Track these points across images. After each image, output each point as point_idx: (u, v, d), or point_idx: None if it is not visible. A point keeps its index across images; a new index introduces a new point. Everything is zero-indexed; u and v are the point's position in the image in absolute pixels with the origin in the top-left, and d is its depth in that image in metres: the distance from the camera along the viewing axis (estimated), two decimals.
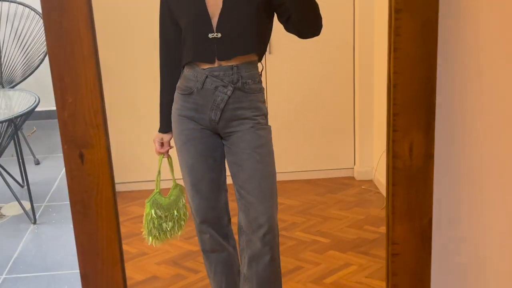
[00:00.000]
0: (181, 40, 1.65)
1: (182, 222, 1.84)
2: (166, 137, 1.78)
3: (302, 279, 1.98)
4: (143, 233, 1.84)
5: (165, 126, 1.76)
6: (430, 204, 1.21)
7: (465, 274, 1.40)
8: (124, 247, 2.07)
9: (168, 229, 1.82)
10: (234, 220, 1.81)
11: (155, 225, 1.80)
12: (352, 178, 2.30)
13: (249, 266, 1.71)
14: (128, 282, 1.95)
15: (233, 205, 1.78)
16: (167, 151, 1.80)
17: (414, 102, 1.16)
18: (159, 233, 1.81)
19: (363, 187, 2.29)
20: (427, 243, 1.23)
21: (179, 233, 1.85)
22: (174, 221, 1.82)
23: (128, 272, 1.98)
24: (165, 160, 1.82)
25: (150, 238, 1.82)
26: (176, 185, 1.83)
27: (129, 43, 1.99)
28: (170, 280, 1.99)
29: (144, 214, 1.81)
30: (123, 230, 2.12)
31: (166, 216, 1.82)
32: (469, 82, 1.27)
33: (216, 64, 1.61)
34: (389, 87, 1.15)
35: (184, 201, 1.83)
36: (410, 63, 1.14)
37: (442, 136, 1.26)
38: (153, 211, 1.79)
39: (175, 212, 1.82)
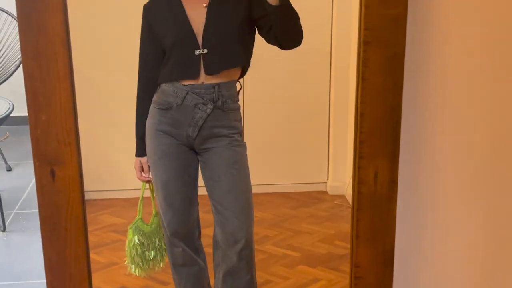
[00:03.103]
0: (163, 59, 1.65)
1: (164, 252, 1.82)
2: (144, 160, 1.77)
3: None
4: (126, 261, 1.81)
5: (143, 149, 1.75)
6: (393, 229, 1.25)
7: None
8: (94, 256, 2.07)
9: (151, 258, 1.79)
10: (206, 232, 1.83)
11: (138, 253, 1.77)
12: (325, 192, 2.32)
13: (224, 281, 1.72)
14: None
15: (206, 217, 1.79)
16: (149, 177, 1.78)
17: (380, 131, 1.19)
18: (142, 262, 1.78)
19: (335, 201, 2.31)
20: (389, 268, 1.27)
21: (162, 265, 1.82)
22: (156, 250, 1.80)
23: (97, 283, 1.98)
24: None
25: (133, 266, 1.78)
26: (157, 212, 1.81)
27: (104, 50, 1.99)
28: None
29: (127, 241, 1.79)
30: (93, 239, 2.12)
31: (148, 244, 1.80)
32: (433, 112, 1.31)
33: (199, 81, 1.62)
34: (356, 116, 1.18)
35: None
36: (377, 93, 1.17)
37: (406, 163, 1.29)
38: (136, 238, 1.77)
39: (157, 241, 1.80)
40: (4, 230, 2.54)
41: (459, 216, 1.39)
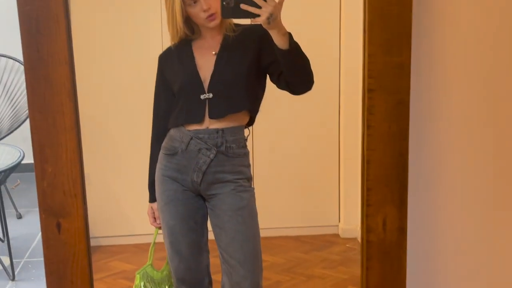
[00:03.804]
0: (173, 108, 1.68)
1: None
2: (156, 206, 1.76)
3: None
4: None
5: (155, 195, 1.75)
6: (403, 278, 1.22)
7: None
8: None
9: None
10: (217, 278, 1.80)
11: None
12: (337, 235, 2.29)
13: None
14: None
15: (216, 262, 1.77)
16: (160, 224, 1.76)
17: (387, 178, 1.18)
18: None
19: (347, 245, 2.28)
20: None
21: None
22: None
23: None
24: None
25: None
26: None
27: (113, 96, 2.01)
28: None
29: (133, 286, 1.78)
30: (103, 286, 2.11)
31: None
32: (440, 157, 1.30)
33: (203, 126, 1.63)
34: (363, 163, 1.17)
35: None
36: (383, 140, 1.17)
37: (415, 210, 1.28)
38: (142, 284, 1.75)
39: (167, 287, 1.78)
40: (13, 279, 2.53)
41: (472, 263, 1.36)
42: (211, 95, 1.61)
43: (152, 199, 1.77)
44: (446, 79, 1.26)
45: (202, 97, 1.61)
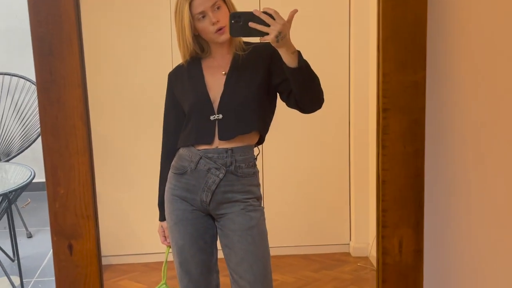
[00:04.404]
0: (183, 126, 1.67)
1: None
2: (166, 224, 1.76)
3: None
4: None
5: (163, 214, 1.75)
6: None
7: None
8: None
9: None
10: None
11: None
12: (348, 254, 2.27)
13: None
14: None
15: (226, 281, 1.75)
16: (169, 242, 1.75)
17: (403, 199, 1.17)
18: None
19: (358, 264, 2.26)
20: None
21: None
22: None
23: None
24: None
25: None
26: None
27: (126, 116, 2.01)
28: None
29: None
30: None
31: None
32: (457, 178, 1.28)
33: (212, 146, 1.62)
34: (378, 184, 1.16)
35: None
36: (398, 161, 1.15)
37: (431, 231, 1.26)
38: None
39: None
40: None
41: (490, 285, 1.33)
42: (220, 116, 1.60)
43: (162, 217, 1.77)
44: (462, 97, 1.24)
45: (211, 118, 1.60)
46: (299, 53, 1.47)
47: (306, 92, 1.54)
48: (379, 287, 1.17)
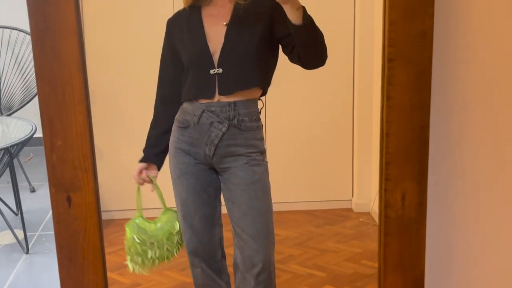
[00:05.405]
0: (183, 78, 1.64)
1: (175, 250, 1.75)
2: (141, 166, 1.74)
3: None
4: (127, 259, 1.72)
5: (145, 157, 1.74)
6: (422, 255, 1.19)
7: None
8: (117, 277, 2.06)
9: (156, 256, 1.73)
10: (230, 251, 1.79)
11: (138, 252, 1.70)
12: (350, 210, 2.28)
13: None
14: None
15: (230, 236, 1.76)
16: (142, 182, 1.73)
17: (407, 152, 1.14)
18: (143, 261, 1.71)
19: (360, 219, 2.27)
20: None
21: (168, 261, 1.73)
22: (163, 249, 1.73)
23: None
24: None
25: (132, 265, 1.70)
26: (167, 210, 1.76)
27: (125, 67, 1.99)
28: None
29: (125, 240, 1.73)
30: (116, 259, 2.10)
31: (152, 243, 1.73)
32: (462, 130, 1.25)
33: (215, 100, 1.60)
34: (382, 136, 1.14)
35: (178, 227, 1.75)
36: (403, 113, 1.13)
37: (434, 184, 1.24)
38: (135, 236, 1.70)
39: (165, 239, 1.73)
40: (27, 252, 2.55)
41: (493, 238, 1.32)
42: (220, 70, 1.57)
43: (144, 160, 1.74)
44: (471, 48, 1.20)
45: (211, 72, 1.57)
46: (304, 9, 1.42)
47: (309, 49, 1.51)
48: (381, 240, 1.16)
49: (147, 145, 1.75)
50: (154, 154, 1.75)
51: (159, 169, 1.76)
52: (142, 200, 1.76)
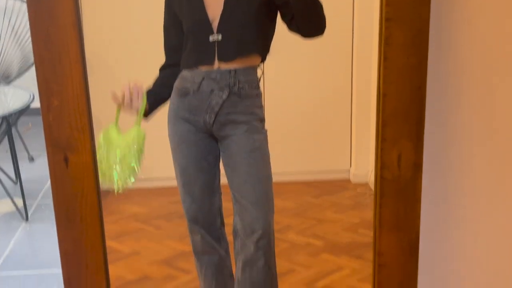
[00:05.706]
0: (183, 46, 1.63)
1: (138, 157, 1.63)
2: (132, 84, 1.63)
3: (294, 282, 1.97)
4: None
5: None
6: (418, 216, 1.20)
7: None
8: (117, 245, 2.07)
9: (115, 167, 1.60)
10: (229, 221, 1.80)
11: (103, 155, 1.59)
12: (348, 180, 2.29)
13: (242, 270, 1.70)
14: (119, 282, 1.95)
15: (229, 206, 1.77)
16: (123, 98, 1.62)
17: (404, 112, 1.14)
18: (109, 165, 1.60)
19: (358, 190, 2.28)
20: (414, 256, 1.22)
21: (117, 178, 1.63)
22: (134, 159, 1.61)
23: (119, 272, 1.98)
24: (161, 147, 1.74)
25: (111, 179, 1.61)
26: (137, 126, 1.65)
27: (123, 32, 1.97)
28: (162, 281, 1.98)
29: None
30: (116, 228, 2.12)
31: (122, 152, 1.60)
32: (460, 91, 1.25)
33: (215, 67, 1.60)
34: (378, 97, 1.13)
35: (139, 149, 1.62)
36: (400, 73, 1.12)
37: (431, 145, 1.24)
38: (101, 136, 1.61)
39: (118, 152, 1.60)
40: (26, 220, 2.57)
41: (490, 201, 1.33)
42: (220, 37, 1.56)
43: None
44: (470, 6, 1.19)
45: (210, 38, 1.56)
46: None
47: (308, 19, 1.51)
48: (377, 202, 1.17)
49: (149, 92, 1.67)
50: (149, 92, 1.68)
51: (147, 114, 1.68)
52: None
